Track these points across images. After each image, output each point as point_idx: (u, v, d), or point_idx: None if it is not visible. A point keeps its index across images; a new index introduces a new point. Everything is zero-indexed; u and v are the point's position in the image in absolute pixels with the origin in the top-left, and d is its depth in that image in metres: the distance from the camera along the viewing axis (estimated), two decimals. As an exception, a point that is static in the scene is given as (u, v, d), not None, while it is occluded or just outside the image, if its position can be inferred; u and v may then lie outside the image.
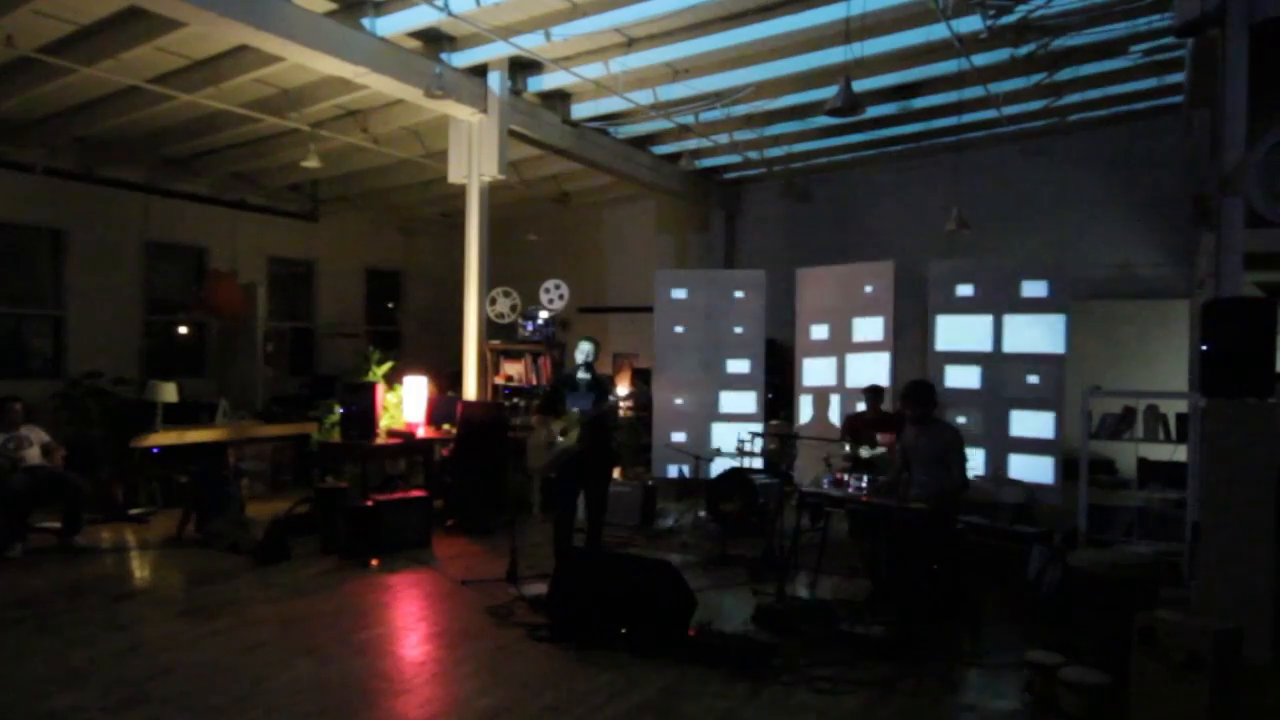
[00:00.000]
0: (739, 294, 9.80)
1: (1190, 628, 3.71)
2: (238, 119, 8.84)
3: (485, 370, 8.72)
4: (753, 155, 10.91)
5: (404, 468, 9.34)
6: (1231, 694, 3.69)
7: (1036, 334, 8.01)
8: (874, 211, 11.21)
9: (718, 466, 8.35)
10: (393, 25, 7.17)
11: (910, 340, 9.29)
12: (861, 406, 8.04)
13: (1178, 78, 8.21)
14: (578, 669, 4.52)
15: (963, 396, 8.20)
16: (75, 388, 9.35)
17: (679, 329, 9.83)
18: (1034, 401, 7.91)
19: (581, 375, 6.09)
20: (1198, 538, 4.83)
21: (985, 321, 8.25)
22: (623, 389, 11.41)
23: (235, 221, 11.49)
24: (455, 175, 8.60)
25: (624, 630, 4.80)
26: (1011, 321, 8.15)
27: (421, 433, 8.38)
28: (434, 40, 7.79)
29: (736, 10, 7.13)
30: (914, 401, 5.78)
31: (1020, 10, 6.90)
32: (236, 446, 9.14)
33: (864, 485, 5.80)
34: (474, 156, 8.45)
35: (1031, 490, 7.40)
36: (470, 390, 8.64)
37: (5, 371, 9.45)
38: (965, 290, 8.43)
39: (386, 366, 8.68)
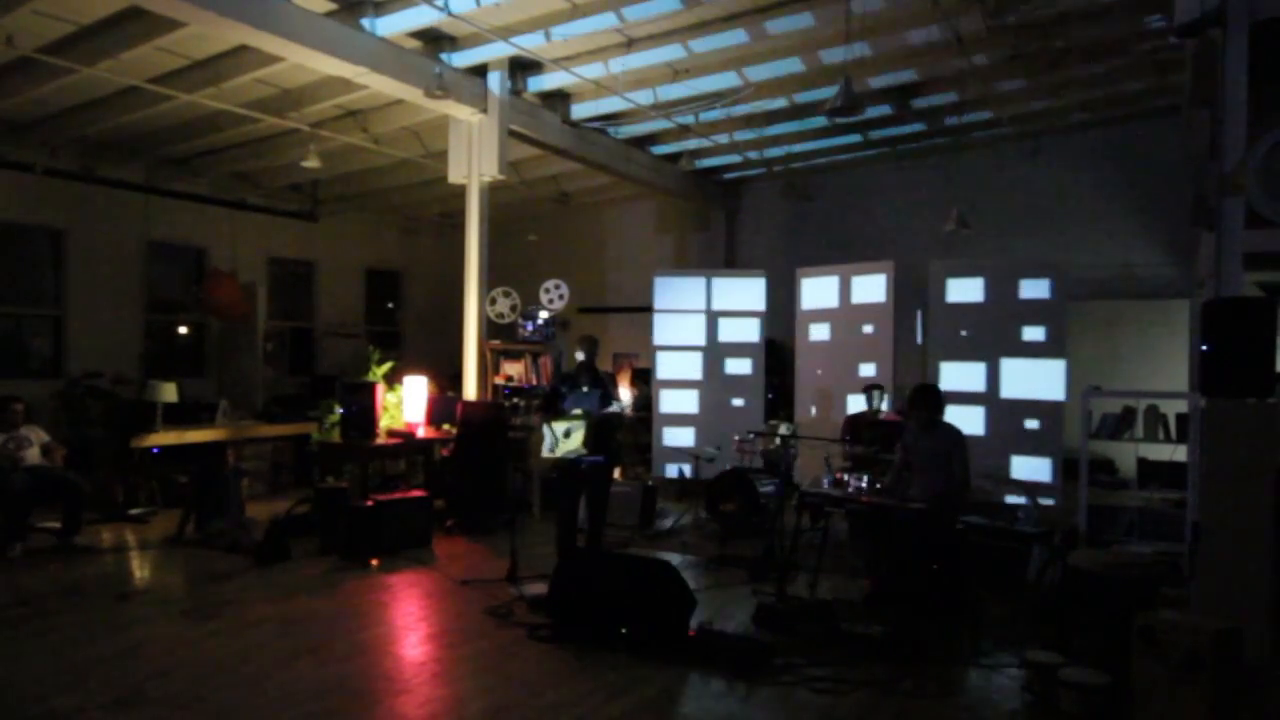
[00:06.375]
0: (739, 294, 9.79)
1: (1190, 628, 3.71)
2: (238, 119, 8.84)
3: (485, 370, 8.72)
4: (753, 155, 10.90)
5: (404, 468, 9.34)
6: (1231, 694, 3.69)
7: (1035, 334, 7.99)
8: (874, 211, 11.20)
9: (718, 466, 8.34)
10: (393, 25, 7.18)
11: (910, 340, 9.27)
12: (862, 405, 8.04)
13: (1178, 78, 8.21)
14: (578, 669, 4.52)
15: (962, 397, 8.20)
16: (75, 388, 9.36)
17: (679, 329, 9.83)
18: (1034, 402, 7.90)
19: (583, 375, 6.09)
20: (1198, 538, 4.82)
21: (985, 322, 8.25)
22: (625, 392, 11.42)
23: (235, 221, 11.50)
24: (455, 175, 8.61)
25: (624, 630, 4.80)
26: (1011, 322, 8.15)
27: (421, 433, 8.38)
28: (434, 40, 7.79)
29: (736, 10, 7.13)
30: (921, 406, 5.78)
31: (1020, 10, 6.90)
32: (236, 446, 9.15)
33: (864, 485, 5.80)
34: (474, 156, 8.45)
35: (1031, 490, 7.40)
36: (470, 390, 8.64)
37: (5, 371, 9.46)
38: (965, 290, 8.42)
39: (386, 366, 8.67)
